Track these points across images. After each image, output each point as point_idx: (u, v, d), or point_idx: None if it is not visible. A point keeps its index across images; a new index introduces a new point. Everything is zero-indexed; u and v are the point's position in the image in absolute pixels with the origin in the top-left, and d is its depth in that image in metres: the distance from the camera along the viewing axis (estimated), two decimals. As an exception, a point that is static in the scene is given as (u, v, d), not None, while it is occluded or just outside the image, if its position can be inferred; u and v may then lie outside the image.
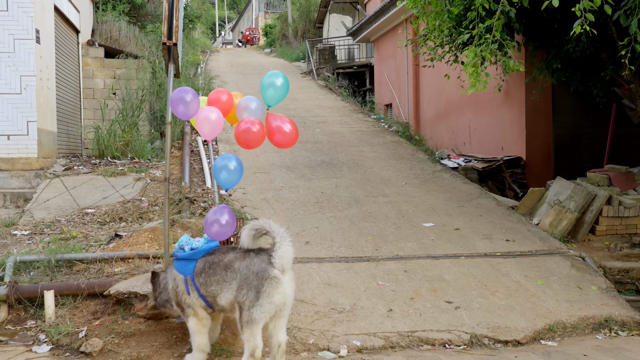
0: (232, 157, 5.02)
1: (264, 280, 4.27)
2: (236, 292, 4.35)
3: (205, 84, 17.37)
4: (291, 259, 4.38)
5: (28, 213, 8.32)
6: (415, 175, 10.85)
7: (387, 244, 7.44)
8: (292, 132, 4.93)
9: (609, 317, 5.79)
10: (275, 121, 4.92)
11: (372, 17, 17.71)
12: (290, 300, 4.40)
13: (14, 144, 10.11)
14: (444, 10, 8.33)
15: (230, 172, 4.97)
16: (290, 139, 4.93)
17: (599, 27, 7.67)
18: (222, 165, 4.96)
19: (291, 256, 4.37)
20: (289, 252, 4.35)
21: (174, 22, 5.69)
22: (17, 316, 5.47)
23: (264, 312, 4.25)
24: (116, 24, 16.48)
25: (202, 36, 37.43)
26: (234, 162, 4.98)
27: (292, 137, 4.93)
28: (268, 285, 4.25)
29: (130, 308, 5.32)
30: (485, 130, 12.13)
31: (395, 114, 17.18)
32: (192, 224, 7.42)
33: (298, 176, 10.44)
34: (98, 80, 14.31)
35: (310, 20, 34.20)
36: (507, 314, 5.73)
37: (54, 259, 6.16)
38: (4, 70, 10.06)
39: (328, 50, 25.50)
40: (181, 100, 4.86)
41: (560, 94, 10.63)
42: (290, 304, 4.43)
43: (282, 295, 4.30)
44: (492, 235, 7.77)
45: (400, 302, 5.89)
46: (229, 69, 25.17)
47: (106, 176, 9.94)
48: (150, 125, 13.96)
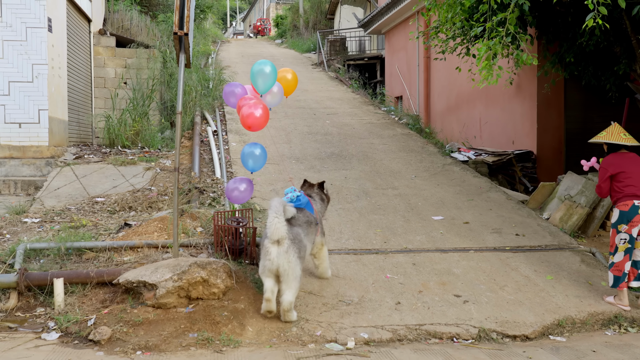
0: (257, 145, 5.95)
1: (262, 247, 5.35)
2: None
3: (216, 74, 17.35)
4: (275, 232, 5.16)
5: (39, 201, 8.36)
6: (425, 168, 10.81)
7: (396, 236, 7.42)
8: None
9: (618, 313, 5.76)
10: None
11: (383, 8, 17.62)
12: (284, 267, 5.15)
13: (25, 132, 10.15)
14: (456, 2, 8.26)
15: (256, 158, 5.91)
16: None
17: (613, 21, 7.59)
18: (249, 152, 5.88)
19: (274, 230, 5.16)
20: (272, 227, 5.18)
21: (186, 12, 5.68)
22: (26, 303, 5.50)
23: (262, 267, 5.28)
24: (128, 14, 16.47)
25: (213, 26, 37.37)
26: (259, 149, 5.90)
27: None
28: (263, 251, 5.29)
29: (138, 297, 5.34)
30: (496, 123, 12.07)
31: (405, 107, 17.11)
32: (201, 213, 7.43)
33: (307, 167, 10.43)
34: (109, 70, 14.33)
35: (321, 12, 34.07)
36: (515, 308, 5.71)
37: (64, 247, 6.19)
38: (16, 58, 10.09)
39: (339, 42, 25.41)
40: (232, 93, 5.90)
41: (573, 88, 10.54)
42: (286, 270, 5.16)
43: (270, 261, 5.17)
44: (502, 230, 7.74)
45: (408, 295, 5.88)
46: (240, 60, 25.13)
47: (116, 165, 9.98)
48: (160, 115, 13.98)
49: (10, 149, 10.03)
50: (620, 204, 6.05)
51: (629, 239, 5.96)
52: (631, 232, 5.96)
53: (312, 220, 5.78)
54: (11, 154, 10.01)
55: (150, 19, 17.55)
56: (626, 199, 6.00)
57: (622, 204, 6.03)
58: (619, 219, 6.02)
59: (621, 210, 6.02)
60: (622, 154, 6.21)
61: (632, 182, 6.03)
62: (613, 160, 6.19)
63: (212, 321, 5.10)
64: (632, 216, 5.95)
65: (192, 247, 6.53)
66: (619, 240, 6.02)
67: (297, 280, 5.25)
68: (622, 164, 6.14)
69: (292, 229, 5.39)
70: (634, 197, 5.98)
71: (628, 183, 6.04)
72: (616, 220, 6.05)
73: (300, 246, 5.36)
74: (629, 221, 5.96)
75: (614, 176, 6.14)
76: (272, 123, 13.64)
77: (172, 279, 5.26)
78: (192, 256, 6.22)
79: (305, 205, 5.82)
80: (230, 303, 5.35)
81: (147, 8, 19.36)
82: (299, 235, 5.43)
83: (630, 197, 5.99)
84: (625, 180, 6.06)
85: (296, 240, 5.34)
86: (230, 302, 5.37)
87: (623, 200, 6.03)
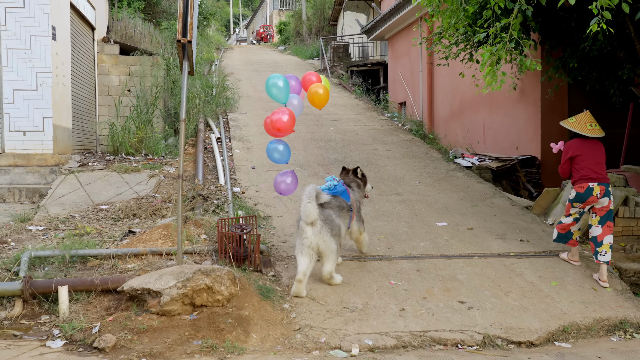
0: (281, 142, 6.54)
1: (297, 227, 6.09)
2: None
3: (219, 81, 17.39)
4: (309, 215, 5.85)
5: (43, 209, 8.38)
6: (429, 174, 10.81)
7: (400, 242, 7.41)
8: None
9: (624, 319, 5.73)
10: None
11: (386, 15, 17.65)
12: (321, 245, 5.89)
13: (29, 140, 10.18)
14: (460, 8, 8.27)
15: (281, 153, 6.56)
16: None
17: (617, 26, 7.59)
18: (274, 148, 6.55)
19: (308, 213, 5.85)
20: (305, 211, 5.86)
21: (189, 19, 5.70)
22: (31, 311, 5.50)
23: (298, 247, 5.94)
24: (131, 21, 16.54)
25: (217, 33, 37.48)
26: (282, 145, 6.54)
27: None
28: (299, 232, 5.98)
29: (143, 304, 5.34)
30: (500, 129, 12.06)
31: (409, 113, 17.12)
32: (205, 220, 7.43)
33: (311, 174, 10.43)
34: (113, 77, 14.39)
35: (324, 18, 34.15)
36: (520, 314, 5.69)
37: (68, 254, 6.19)
38: (20, 66, 10.14)
39: (342, 48, 25.46)
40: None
41: (576, 93, 10.53)
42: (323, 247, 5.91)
43: (307, 239, 5.85)
44: (506, 235, 7.73)
45: (412, 301, 5.87)
46: (243, 67, 25.21)
47: (120, 172, 9.99)
48: (164, 122, 14.01)
49: (15, 157, 10.07)
50: (577, 185, 6.75)
51: (580, 212, 6.81)
52: (584, 208, 6.78)
53: (344, 206, 6.42)
54: (16, 162, 10.04)
55: (153, 27, 17.63)
56: (582, 181, 6.70)
57: (578, 185, 6.73)
58: (575, 198, 6.76)
59: (577, 192, 6.73)
60: (584, 140, 6.88)
61: (587, 165, 6.72)
62: (574, 144, 6.90)
63: (216, 328, 5.09)
64: (586, 197, 6.67)
65: (196, 254, 6.53)
66: (573, 212, 6.83)
67: (333, 253, 5.99)
68: (581, 148, 6.82)
69: (324, 211, 6.06)
70: (588, 179, 6.68)
71: (584, 166, 6.73)
72: (572, 199, 6.80)
73: (332, 226, 6.02)
74: (583, 201, 6.71)
75: (573, 159, 6.85)
76: (276, 129, 13.66)
77: (177, 286, 5.25)
78: (196, 263, 6.22)
79: (341, 193, 6.48)
80: (234, 310, 5.35)
81: (150, 16, 19.45)
82: (331, 216, 6.09)
83: (585, 179, 6.68)
84: (581, 162, 6.76)
85: (328, 220, 6.01)
86: (235, 309, 5.37)
87: (579, 182, 6.72)
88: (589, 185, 6.64)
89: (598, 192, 6.62)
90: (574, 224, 6.84)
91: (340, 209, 6.33)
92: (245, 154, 11.57)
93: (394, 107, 18.48)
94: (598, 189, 6.63)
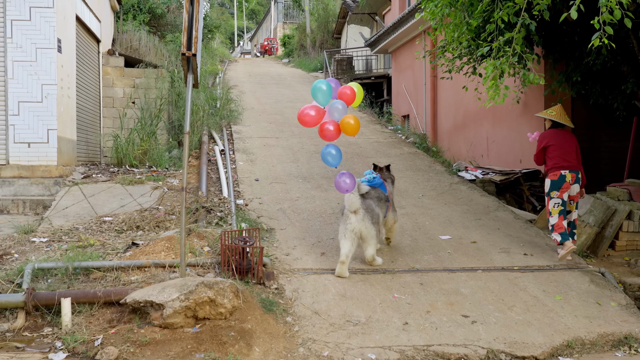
0: (333, 146, 7.03)
1: (341, 215, 6.93)
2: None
3: (223, 94, 17.45)
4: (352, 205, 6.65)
5: (47, 220, 8.40)
6: (432, 187, 10.80)
7: (404, 256, 7.40)
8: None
9: (628, 334, 5.70)
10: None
11: (390, 28, 17.72)
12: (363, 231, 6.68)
13: (34, 152, 10.23)
14: (463, 22, 8.30)
15: (334, 156, 7.02)
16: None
17: (620, 40, 7.61)
18: (327, 152, 7.02)
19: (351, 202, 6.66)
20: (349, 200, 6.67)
21: (194, 32, 5.73)
22: (34, 323, 5.50)
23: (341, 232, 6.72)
24: (136, 34, 16.64)
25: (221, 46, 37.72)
26: (334, 149, 7.01)
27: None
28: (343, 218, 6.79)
29: (146, 317, 5.33)
30: (504, 142, 12.06)
31: (412, 125, 17.14)
32: (208, 233, 7.43)
33: (314, 186, 10.44)
34: (118, 89, 14.46)
35: (328, 31, 34.30)
36: (524, 329, 5.66)
37: (72, 266, 6.20)
38: (25, 78, 10.20)
39: (346, 61, 25.53)
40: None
41: (580, 107, 10.53)
42: (365, 233, 6.70)
43: (351, 224, 6.63)
44: (510, 249, 7.70)
45: (416, 315, 5.85)
46: (247, 79, 25.30)
47: (124, 184, 10.01)
48: (168, 134, 14.06)
49: (19, 168, 10.11)
50: (550, 174, 7.38)
51: (561, 202, 7.30)
52: (562, 197, 7.30)
53: (382, 197, 7.23)
54: (20, 174, 10.08)
55: (158, 39, 17.73)
56: (555, 169, 7.33)
57: (552, 174, 7.36)
58: (551, 187, 7.35)
59: (552, 180, 7.34)
60: (558, 131, 7.54)
61: (559, 154, 7.35)
62: (548, 134, 7.55)
63: (219, 341, 5.07)
64: (560, 184, 7.28)
65: (199, 266, 6.52)
66: (552, 205, 7.35)
67: (373, 238, 6.79)
68: (554, 138, 7.46)
69: (365, 201, 6.83)
70: (560, 167, 7.31)
71: (556, 155, 7.36)
72: (548, 189, 7.38)
73: (372, 214, 6.82)
74: (559, 188, 7.30)
75: (547, 148, 7.49)
76: (279, 142, 13.69)
77: (179, 298, 5.25)
78: (199, 276, 6.22)
79: (379, 185, 7.29)
80: (237, 323, 5.33)
81: (155, 28, 19.57)
82: (371, 206, 6.88)
83: (558, 167, 7.32)
84: (554, 152, 7.39)
85: (369, 209, 6.80)
86: (237, 322, 5.36)
87: (552, 170, 7.36)
88: (561, 172, 7.29)
89: (570, 178, 7.29)
90: (562, 220, 7.31)
91: (378, 200, 7.11)
92: (249, 166, 11.58)
93: (397, 120, 18.50)
94: (570, 176, 7.29)
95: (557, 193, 7.32)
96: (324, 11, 34.89)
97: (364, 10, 25.41)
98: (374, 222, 6.79)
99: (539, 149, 7.58)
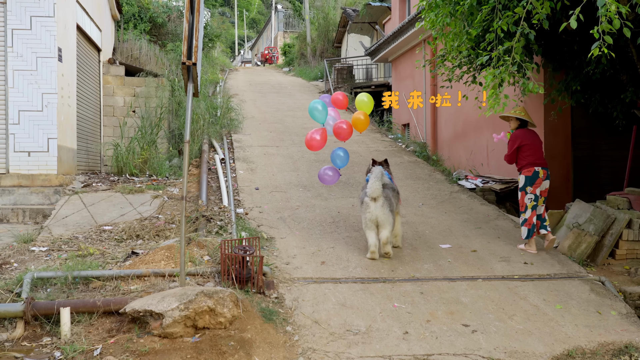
0: (342, 149, 8.17)
1: (361, 204, 7.52)
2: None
3: (223, 102, 17.48)
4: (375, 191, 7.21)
5: (46, 229, 8.39)
6: (433, 196, 10.80)
7: (404, 265, 7.39)
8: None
9: (629, 343, 5.68)
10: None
11: (390, 37, 17.77)
12: (381, 217, 7.22)
13: (34, 161, 10.23)
14: (463, 31, 8.32)
15: (342, 159, 8.16)
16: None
17: (619, 50, 7.62)
18: (337, 155, 8.14)
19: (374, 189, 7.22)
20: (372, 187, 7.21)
21: (194, 42, 5.75)
22: (33, 333, 5.48)
23: (364, 222, 7.39)
24: (137, 43, 16.70)
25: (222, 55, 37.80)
26: (342, 152, 8.14)
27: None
28: (363, 207, 7.39)
29: (145, 326, 5.32)
30: (503, 151, 12.03)
31: (412, 134, 17.16)
32: (208, 242, 7.43)
33: (314, 195, 10.44)
34: (118, 98, 14.49)
35: (328, 40, 34.39)
36: (525, 338, 5.65)
37: (71, 275, 6.19)
38: (26, 87, 10.22)
39: (346, 70, 25.60)
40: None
41: (579, 116, 10.54)
42: (382, 219, 7.22)
43: (370, 213, 7.23)
44: (510, 258, 7.69)
45: (416, 324, 5.83)
46: (248, 88, 25.35)
47: (124, 193, 10.01)
48: (168, 143, 14.08)
49: (19, 177, 10.11)
50: (524, 170, 7.88)
51: (534, 198, 7.82)
52: (535, 192, 7.83)
53: (396, 189, 7.88)
54: (20, 183, 10.08)
55: (159, 48, 17.79)
56: (529, 166, 7.83)
57: (526, 170, 7.87)
58: (525, 182, 7.87)
59: (526, 176, 7.86)
60: (526, 130, 8.10)
61: (532, 152, 7.87)
62: (520, 134, 8.04)
63: (219, 351, 5.05)
64: (534, 180, 7.81)
65: (199, 275, 6.51)
66: (527, 200, 7.83)
67: (390, 224, 7.29)
68: (525, 138, 7.98)
69: (385, 191, 7.39)
70: (534, 164, 7.82)
71: (529, 153, 7.87)
72: (523, 184, 7.89)
73: (390, 202, 7.36)
74: (532, 184, 7.82)
75: (520, 147, 7.97)
76: (280, 151, 13.70)
77: (179, 308, 5.24)
78: (199, 285, 6.21)
79: (390, 179, 7.96)
80: (237, 333, 5.32)
81: (156, 37, 19.64)
82: (389, 195, 7.43)
83: (532, 164, 7.82)
84: (527, 150, 7.89)
85: (387, 198, 7.36)
86: (237, 331, 5.34)
87: (526, 167, 7.86)
88: (535, 169, 7.82)
89: (542, 174, 7.84)
90: (534, 215, 7.84)
91: (393, 191, 7.70)
92: (249, 175, 11.59)
93: (397, 129, 18.52)
94: (542, 172, 7.83)
95: (530, 188, 7.82)
96: (324, 20, 35.00)
97: (364, 19, 25.48)
98: (391, 210, 7.33)
99: (513, 149, 8.01)
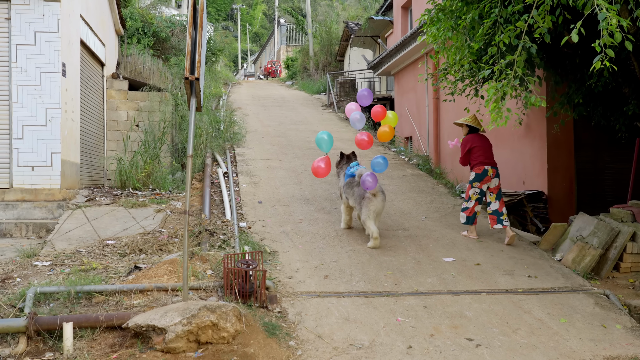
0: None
1: (362, 199, 8.59)
2: (354, 203, 8.83)
3: (226, 116, 17.52)
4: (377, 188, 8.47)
5: (49, 244, 8.39)
6: (436, 209, 10.78)
7: (407, 278, 7.37)
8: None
9: (634, 357, 5.64)
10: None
11: (392, 51, 17.83)
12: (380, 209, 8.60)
13: (37, 175, 10.25)
14: (465, 45, 8.35)
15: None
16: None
17: (621, 63, 7.64)
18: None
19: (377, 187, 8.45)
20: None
21: (197, 57, 5.77)
22: (35, 348, 5.47)
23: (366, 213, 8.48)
24: (140, 57, 16.78)
25: (225, 69, 37.94)
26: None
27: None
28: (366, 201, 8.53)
29: (148, 341, 5.30)
30: (506, 164, 12.05)
31: (415, 147, 17.17)
32: (211, 256, 7.42)
33: (318, 209, 10.43)
34: (122, 112, 14.54)
35: (331, 54, 34.53)
36: (529, 352, 5.61)
37: (74, 290, 6.17)
38: (30, 102, 10.26)
39: (349, 83, 25.67)
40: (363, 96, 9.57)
41: (582, 128, 10.55)
42: (380, 210, 8.63)
43: (374, 205, 8.47)
44: (514, 271, 7.67)
45: (420, 338, 5.80)
46: (251, 102, 25.43)
47: (127, 207, 10.02)
48: (171, 157, 14.10)
49: (23, 192, 10.12)
50: (475, 168, 8.97)
51: (479, 192, 8.98)
52: (482, 187, 8.97)
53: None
54: (23, 197, 10.09)
55: (162, 63, 17.88)
56: (479, 165, 8.93)
57: (477, 168, 8.95)
58: (474, 178, 8.98)
59: (476, 173, 8.96)
60: (477, 135, 9.18)
61: (482, 153, 8.99)
62: (470, 138, 9.15)
63: (222, 366, 5.04)
64: (483, 177, 8.92)
65: (202, 290, 6.50)
66: (472, 193, 9.01)
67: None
68: (477, 141, 9.08)
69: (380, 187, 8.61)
70: (484, 163, 8.93)
71: (480, 154, 8.99)
72: (472, 179, 9.01)
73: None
74: (480, 180, 8.93)
75: (471, 150, 9.06)
76: (282, 164, 13.71)
77: (182, 322, 5.23)
78: (201, 299, 6.19)
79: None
80: (239, 347, 5.30)
81: (159, 52, 19.74)
82: (382, 189, 8.72)
83: (482, 163, 8.93)
84: (478, 152, 9.01)
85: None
86: (240, 346, 5.32)
87: (478, 165, 8.94)
88: (485, 167, 8.90)
89: (491, 172, 8.89)
90: (477, 205, 9.01)
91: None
92: (252, 189, 11.60)
93: (400, 142, 18.54)
94: (491, 171, 8.89)
95: (478, 184, 8.95)
96: (326, 34, 35.17)
97: (367, 33, 25.59)
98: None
99: (465, 152, 9.10)
